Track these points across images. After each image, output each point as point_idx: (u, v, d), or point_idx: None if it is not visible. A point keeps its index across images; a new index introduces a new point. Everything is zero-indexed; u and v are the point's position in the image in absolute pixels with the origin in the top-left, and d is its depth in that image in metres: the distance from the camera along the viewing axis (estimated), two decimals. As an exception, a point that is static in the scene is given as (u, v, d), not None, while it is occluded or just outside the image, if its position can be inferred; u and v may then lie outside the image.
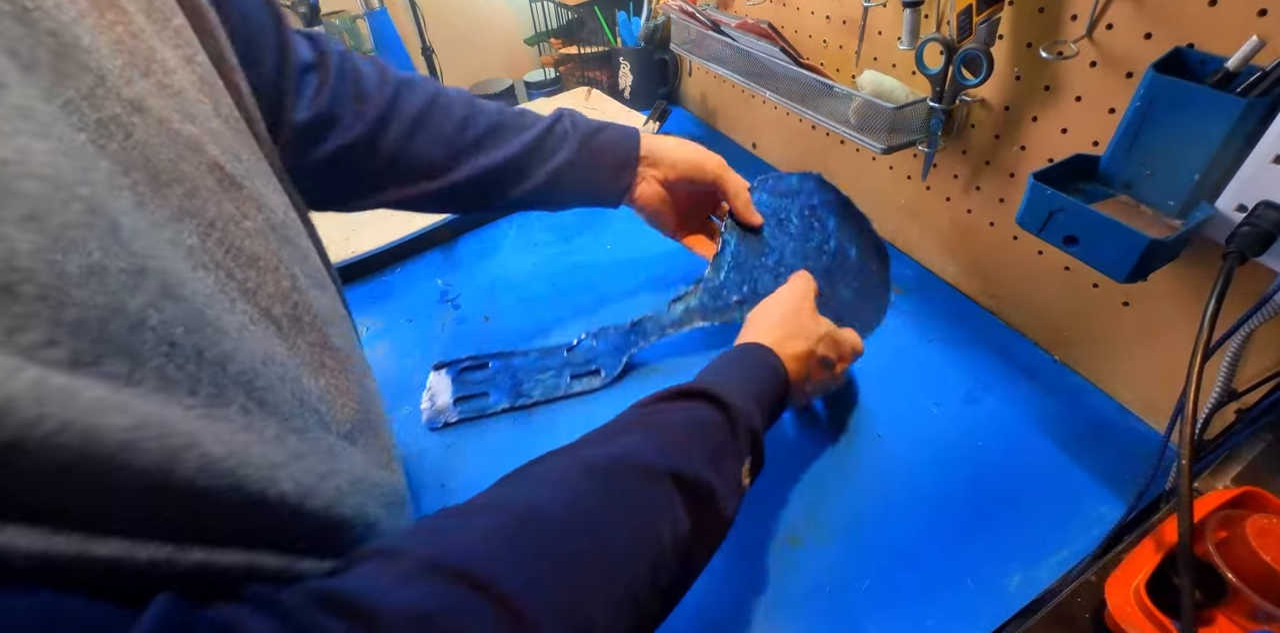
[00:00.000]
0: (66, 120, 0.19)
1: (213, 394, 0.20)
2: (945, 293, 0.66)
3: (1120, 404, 0.53)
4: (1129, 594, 0.34)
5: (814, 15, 0.68)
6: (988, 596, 0.42)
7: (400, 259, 0.77)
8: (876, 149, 0.57)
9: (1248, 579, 0.32)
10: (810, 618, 0.42)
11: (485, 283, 0.72)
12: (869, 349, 0.51)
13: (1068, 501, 0.47)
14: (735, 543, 0.46)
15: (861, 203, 0.59)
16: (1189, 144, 0.35)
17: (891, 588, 0.43)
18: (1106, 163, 0.40)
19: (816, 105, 0.63)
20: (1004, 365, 0.57)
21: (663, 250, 0.72)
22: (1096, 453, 0.49)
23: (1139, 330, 0.49)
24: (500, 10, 1.33)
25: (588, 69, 1.15)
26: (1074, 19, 0.44)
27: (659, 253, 0.73)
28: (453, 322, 0.67)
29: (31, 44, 0.18)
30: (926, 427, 0.53)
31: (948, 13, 0.49)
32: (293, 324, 0.28)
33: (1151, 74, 0.35)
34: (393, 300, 0.71)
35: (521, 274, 0.73)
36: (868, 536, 0.46)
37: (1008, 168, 0.54)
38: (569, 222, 0.80)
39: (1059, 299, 0.55)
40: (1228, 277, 0.34)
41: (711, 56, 0.78)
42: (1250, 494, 0.37)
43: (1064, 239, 0.40)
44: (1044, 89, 0.48)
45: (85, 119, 0.20)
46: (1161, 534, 0.37)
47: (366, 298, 0.72)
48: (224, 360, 0.21)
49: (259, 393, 0.23)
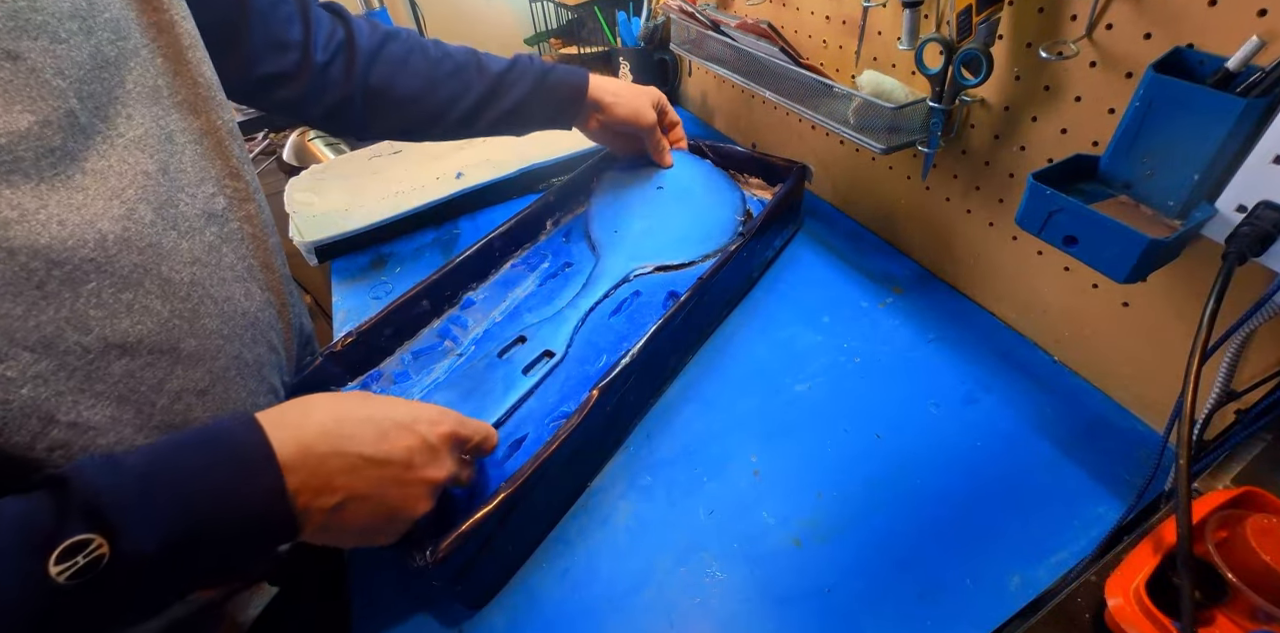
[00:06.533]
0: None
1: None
2: (945, 293, 0.66)
3: (1119, 404, 0.53)
4: (1129, 594, 0.34)
5: (814, 15, 0.68)
6: (987, 596, 0.42)
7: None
8: (876, 149, 0.57)
9: (1248, 579, 0.32)
10: (810, 618, 0.42)
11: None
12: (864, 344, 0.51)
13: (1067, 501, 0.47)
14: (735, 545, 0.46)
15: (861, 203, 0.60)
16: (1189, 144, 0.35)
17: (891, 588, 0.43)
18: (1106, 163, 0.40)
19: (816, 105, 0.63)
20: (1003, 366, 0.57)
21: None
22: (1096, 453, 0.49)
23: (1139, 331, 0.49)
24: (500, 10, 1.33)
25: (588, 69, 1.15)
26: (1074, 19, 0.44)
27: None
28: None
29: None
30: (925, 427, 0.53)
31: (947, 13, 0.49)
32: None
33: (1151, 74, 0.35)
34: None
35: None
36: (867, 536, 0.46)
37: (1007, 168, 0.54)
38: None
39: (1059, 299, 0.55)
40: (1227, 277, 0.34)
41: (711, 56, 0.78)
42: (1250, 494, 0.37)
43: (1064, 239, 0.40)
44: (1044, 89, 0.48)
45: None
46: (1161, 534, 0.37)
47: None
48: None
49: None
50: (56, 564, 0.25)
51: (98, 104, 0.33)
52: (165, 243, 0.36)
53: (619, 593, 0.44)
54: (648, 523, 0.48)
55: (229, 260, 0.41)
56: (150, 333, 0.34)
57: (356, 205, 0.84)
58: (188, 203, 0.38)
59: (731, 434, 0.54)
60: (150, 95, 0.37)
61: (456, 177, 0.87)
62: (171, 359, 0.36)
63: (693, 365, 0.60)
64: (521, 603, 0.45)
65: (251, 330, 0.42)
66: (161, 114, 0.37)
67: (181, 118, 0.39)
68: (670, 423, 0.55)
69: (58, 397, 0.30)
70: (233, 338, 0.40)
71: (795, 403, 0.56)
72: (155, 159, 0.36)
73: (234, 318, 0.40)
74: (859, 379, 0.57)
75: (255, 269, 0.44)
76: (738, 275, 0.65)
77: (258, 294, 0.44)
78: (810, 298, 0.67)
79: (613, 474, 0.52)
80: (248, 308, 0.42)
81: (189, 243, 0.38)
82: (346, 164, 0.95)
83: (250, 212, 0.44)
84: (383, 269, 0.78)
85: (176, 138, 0.38)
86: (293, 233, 0.79)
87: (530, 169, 0.86)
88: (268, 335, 0.44)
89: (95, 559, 0.26)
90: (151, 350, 0.34)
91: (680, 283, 0.63)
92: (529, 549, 0.47)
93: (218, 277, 0.39)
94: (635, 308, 0.62)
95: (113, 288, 0.33)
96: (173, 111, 0.38)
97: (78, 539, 0.26)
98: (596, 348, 0.58)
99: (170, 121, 0.38)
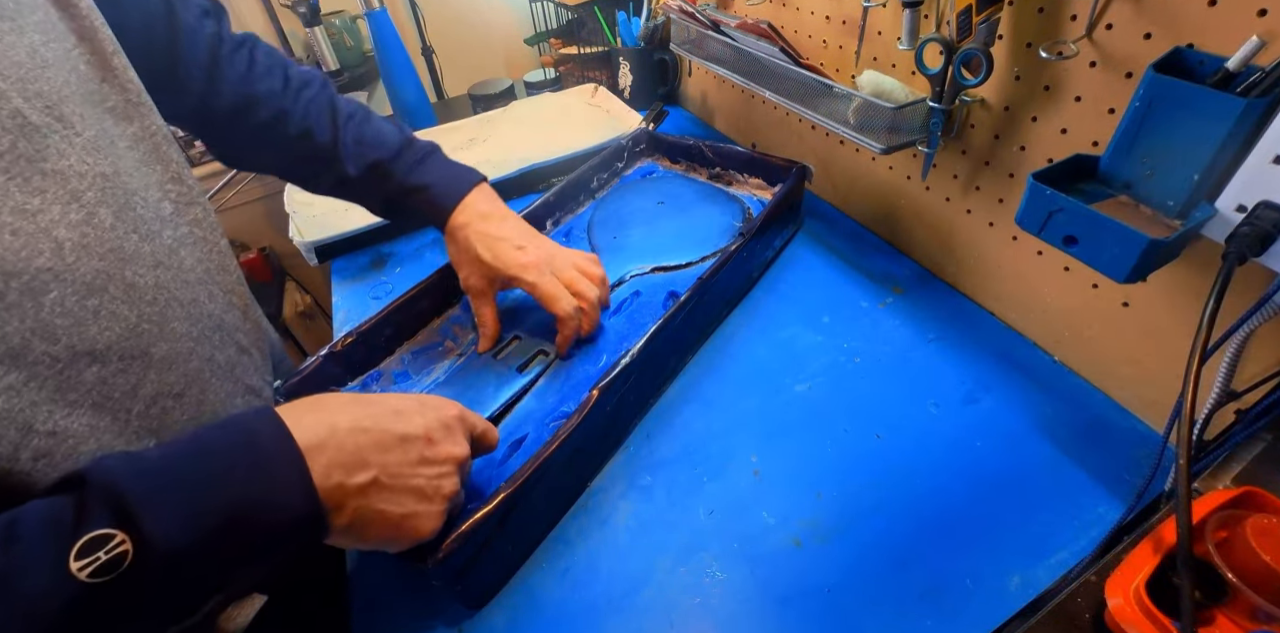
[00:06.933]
0: None
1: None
2: (945, 293, 0.66)
3: (1119, 404, 0.53)
4: (1129, 594, 0.34)
5: (814, 15, 0.68)
6: (987, 596, 0.42)
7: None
8: (876, 149, 0.57)
9: (1248, 579, 0.32)
10: (810, 618, 0.42)
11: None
12: (864, 344, 0.51)
13: (1067, 501, 0.47)
14: (735, 545, 0.46)
15: (861, 203, 0.60)
16: (1189, 144, 0.35)
17: (891, 589, 0.43)
18: (1106, 163, 0.40)
19: (816, 105, 0.63)
20: (1003, 366, 0.57)
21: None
22: (1096, 453, 0.49)
23: (1138, 331, 0.49)
24: (500, 10, 1.33)
25: (587, 69, 1.15)
26: (1074, 19, 0.44)
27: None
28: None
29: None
30: (925, 427, 0.53)
31: (947, 13, 0.49)
32: None
33: (1151, 74, 0.35)
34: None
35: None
36: (867, 536, 0.46)
37: (1007, 168, 0.54)
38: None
39: (1059, 299, 0.55)
40: (1227, 277, 0.34)
41: (711, 56, 0.78)
42: (1250, 494, 0.37)
43: (1063, 239, 0.40)
44: (1044, 89, 0.48)
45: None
46: (1161, 535, 0.37)
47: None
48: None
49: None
50: (77, 560, 0.25)
51: (48, 103, 0.32)
52: (127, 247, 0.35)
53: (619, 593, 0.44)
54: (648, 523, 0.48)
55: (189, 263, 0.40)
56: (119, 339, 0.34)
57: (356, 205, 0.83)
58: (143, 206, 0.37)
59: (731, 434, 0.54)
60: (90, 98, 0.36)
61: (456, 176, 0.87)
62: (143, 364, 0.35)
63: (693, 365, 0.60)
64: (521, 603, 0.45)
65: (219, 333, 0.42)
66: (102, 117, 0.37)
67: (115, 123, 0.38)
68: (670, 423, 0.55)
69: (33, 407, 0.30)
70: (202, 340, 0.40)
71: (795, 403, 0.56)
72: (109, 161, 0.35)
73: (201, 320, 0.40)
74: (859, 379, 0.57)
75: (213, 271, 0.43)
76: (738, 275, 0.65)
77: (219, 296, 0.43)
78: (810, 298, 0.67)
79: (613, 474, 0.52)
80: (212, 310, 0.42)
81: (150, 246, 0.37)
82: (346, 164, 0.94)
83: (197, 215, 0.43)
84: (383, 269, 0.78)
85: (117, 142, 0.37)
86: (293, 233, 0.79)
87: (530, 169, 0.86)
88: (235, 337, 0.44)
89: (118, 557, 0.25)
90: (122, 356, 0.34)
91: (680, 283, 0.63)
92: (529, 549, 0.47)
93: (181, 279, 0.39)
94: (635, 308, 0.62)
95: (76, 295, 0.32)
96: (108, 117, 0.37)
97: (98, 534, 0.25)
98: (596, 348, 0.58)
99: (108, 126, 0.37)
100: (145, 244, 0.36)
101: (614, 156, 0.82)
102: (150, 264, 0.36)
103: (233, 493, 0.28)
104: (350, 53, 1.40)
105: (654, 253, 0.68)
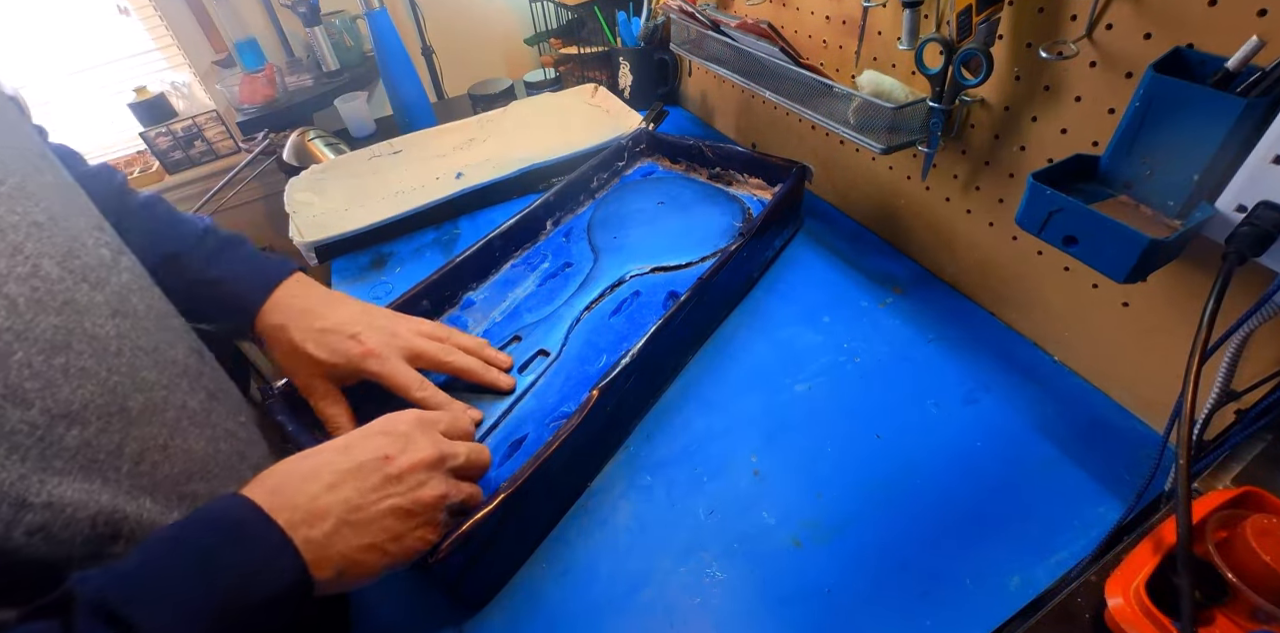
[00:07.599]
0: None
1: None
2: (944, 293, 0.66)
3: (1119, 404, 0.53)
4: (1129, 594, 0.34)
5: (814, 15, 0.68)
6: (987, 596, 0.42)
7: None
8: (876, 149, 0.57)
9: (1248, 579, 0.32)
10: (810, 618, 0.42)
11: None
12: (864, 344, 0.51)
13: (1067, 501, 0.47)
14: (735, 546, 0.46)
15: (861, 203, 0.60)
16: (1189, 144, 0.35)
17: (891, 588, 0.43)
18: (1106, 163, 0.40)
19: (816, 105, 0.63)
20: (1003, 366, 0.57)
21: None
22: (1096, 453, 0.49)
23: (1138, 331, 0.49)
24: (500, 10, 1.33)
25: (587, 69, 1.15)
26: (1074, 19, 0.44)
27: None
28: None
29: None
30: (925, 427, 0.53)
31: (947, 13, 0.49)
32: None
33: (1151, 74, 0.35)
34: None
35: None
36: (867, 536, 0.46)
37: (1007, 168, 0.54)
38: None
39: (1059, 299, 0.55)
40: (1227, 277, 0.34)
41: (711, 56, 0.78)
42: (1250, 494, 0.37)
43: (1063, 239, 0.40)
44: (1044, 89, 0.48)
45: None
46: (1161, 535, 0.37)
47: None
48: None
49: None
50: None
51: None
52: (79, 298, 0.33)
53: (619, 593, 0.44)
54: (648, 523, 0.48)
55: (141, 309, 0.39)
56: (94, 396, 0.32)
57: (356, 205, 0.84)
58: (84, 252, 0.36)
59: (731, 434, 0.54)
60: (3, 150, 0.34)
61: (456, 177, 0.87)
62: (124, 420, 0.34)
63: (693, 365, 0.60)
64: (521, 603, 0.45)
65: (186, 378, 0.40)
66: (18, 165, 0.35)
67: (35, 171, 0.36)
68: (670, 423, 0.55)
69: (22, 480, 0.28)
70: (174, 388, 0.38)
71: (795, 403, 0.56)
72: (41, 208, 0.34)
73: (168, 367, 0.38)
74: (859, 379, 0.57)
75: (165, 316, 0.42)
76: (738, 275, 0.65)
77: (178, 342, 0.41)
78: (810, 298, 0.67)
79: (612, 474, 0.52)
80: (175, 356, 0.40)
81: (103, 295, 0.35)
82: (346, 164, 0.95)
83: (127, 263, 0.41)
84: (383, 269, 0.78)
85: (41, 192, 0.35)
86: (293, 233, 0.79)
87: (530, 169, 0.86)
88: (202, 382, 0.42)
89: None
90: (100, 415, 0.32)
91: (680, 283, 0.63)
92: (529, 549, 0.47)
93: (140, 326, 0.37)
94: (635, 308, 0.62)
95: (42, 355, 0.30)
96: (24, 165, 0.36)
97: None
98: (596, 348, 0.58)
99: (29, 173, 0.35)
100: (96, 293, 0.35)
101: (614, 156, 0.82)
102: (107, 313, 0.35)
103: (216, 578, 0.29)
104: (350, 53, 1.40)
105: (654, 253, 0.68)
